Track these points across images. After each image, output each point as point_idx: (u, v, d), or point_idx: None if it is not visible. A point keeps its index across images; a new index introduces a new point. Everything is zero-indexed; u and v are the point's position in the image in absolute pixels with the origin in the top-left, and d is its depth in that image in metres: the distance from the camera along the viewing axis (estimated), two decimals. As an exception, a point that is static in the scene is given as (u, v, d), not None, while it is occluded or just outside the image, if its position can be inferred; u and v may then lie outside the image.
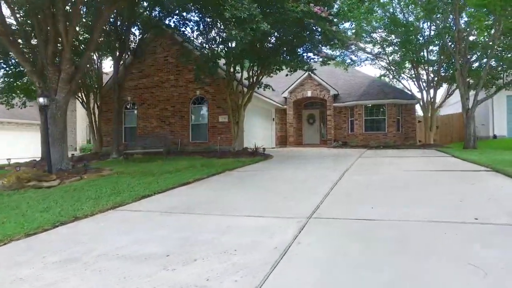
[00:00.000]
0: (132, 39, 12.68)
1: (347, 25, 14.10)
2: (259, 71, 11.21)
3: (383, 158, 9.47)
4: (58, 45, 7.10)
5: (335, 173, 6.25)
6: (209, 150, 12.47)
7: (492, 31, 10.83)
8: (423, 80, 15.92)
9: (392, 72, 15.09)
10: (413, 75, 15.84)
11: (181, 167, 7.91)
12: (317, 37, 9.88)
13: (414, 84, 16.12)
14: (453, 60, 11.73)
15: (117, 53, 11.85)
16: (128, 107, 14.91)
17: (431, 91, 15.28)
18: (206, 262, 2.49)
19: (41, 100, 6.11)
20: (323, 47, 10.72)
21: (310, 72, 17.45)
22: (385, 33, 13.99)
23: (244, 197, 4.66)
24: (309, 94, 17.70)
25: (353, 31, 13.32)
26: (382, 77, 16.98)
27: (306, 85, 17.76)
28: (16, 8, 8.82)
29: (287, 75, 11.90)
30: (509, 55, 11.98)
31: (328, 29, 8.58)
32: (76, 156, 11.76)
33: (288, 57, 11.07)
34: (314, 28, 9.75)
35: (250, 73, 11.33)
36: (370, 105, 16.57)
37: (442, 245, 2.42)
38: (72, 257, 2.76)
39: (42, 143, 10.69)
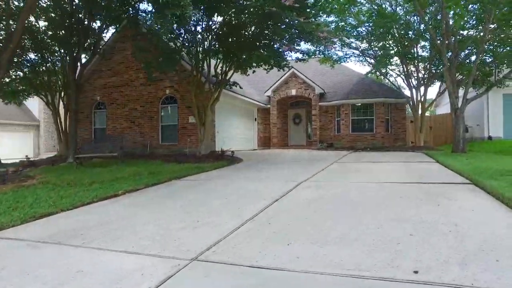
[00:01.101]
0: (91, 34, 11.68)
1: (330, 19, 13.14)
2: (227, 68, 10.23)
3: (360, 163, 8.50)
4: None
5: (289, 185, 5.31)
6: (177, 153, 11.54)
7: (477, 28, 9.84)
8: (415, 78, 14.94)
9: (379, 69, 14.06)
10: (402, 72, 14.85)
11: (124, 175, 6.99)
12: (288, 29, 8.88)
13: (404, 82, 15.12)
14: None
15: (76, 49, 10.89)
16: (100, 107, 14.03)
17: (422, 89, 14.29)
18: None
19: None
20: (300, 42, 9.71)
21: (294, 69, 16.57)
22: (370, 27, 12.97)
23: (152, 219, 3.72)
24: (293, 92, 16.72)
25: (333, 24, 12.31)
26: (370, 74, 15.96)
27: (290, 83, 16.78)
28: None
29: (254, 71, 10.92)
30: (502, 49, 10.95)
31: (294, 19, 7.61)
32: (30, 160, 10.85)
33: (265, 52, 10.12)
34: (287, 20, 8.78)
35: (218, 70, 10.38)
36: (358, 104, 15.59)
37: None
38: None
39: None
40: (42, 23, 12.88)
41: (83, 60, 12.49)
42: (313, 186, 5.11)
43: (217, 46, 10.25)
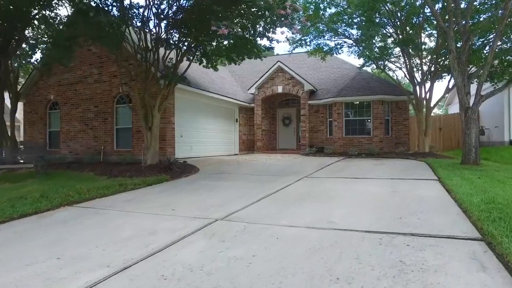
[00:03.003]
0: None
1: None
2: (177, 60, 8.34)
3: (335, 181, 6.49)
4: None
5: (190, 226, 3.45)
6: (130, 161, 9.73)
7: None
8: (419, 71, 12.74)
9: (367, 56, 11.84)
10: (403, 65, 12.67)
11: (2, 199, 5.24)
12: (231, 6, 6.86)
13: (406, 76, 12.92)
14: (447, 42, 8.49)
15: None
16: (55, 107, 12.38)
17: (427, 85, 12.06)
18: None
19: None
20: (254, 24, 7.68)
21: (280, 63, 14.66)
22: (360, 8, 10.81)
23: None
24: (279, 90, 14.71)
25: (312, 6, 10.28)
26: (366, 68, 13.82)
27: (277, 79, 14.78)
28: None
29: (214, 64, 8.99)
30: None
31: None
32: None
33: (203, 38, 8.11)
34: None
35: (167, 63, 8.51)
36: (353, 102, 13.48)
37: None
38: None
39: None
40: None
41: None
42: (217, 235, 3.17)
43: (163, 30, 8.42)
